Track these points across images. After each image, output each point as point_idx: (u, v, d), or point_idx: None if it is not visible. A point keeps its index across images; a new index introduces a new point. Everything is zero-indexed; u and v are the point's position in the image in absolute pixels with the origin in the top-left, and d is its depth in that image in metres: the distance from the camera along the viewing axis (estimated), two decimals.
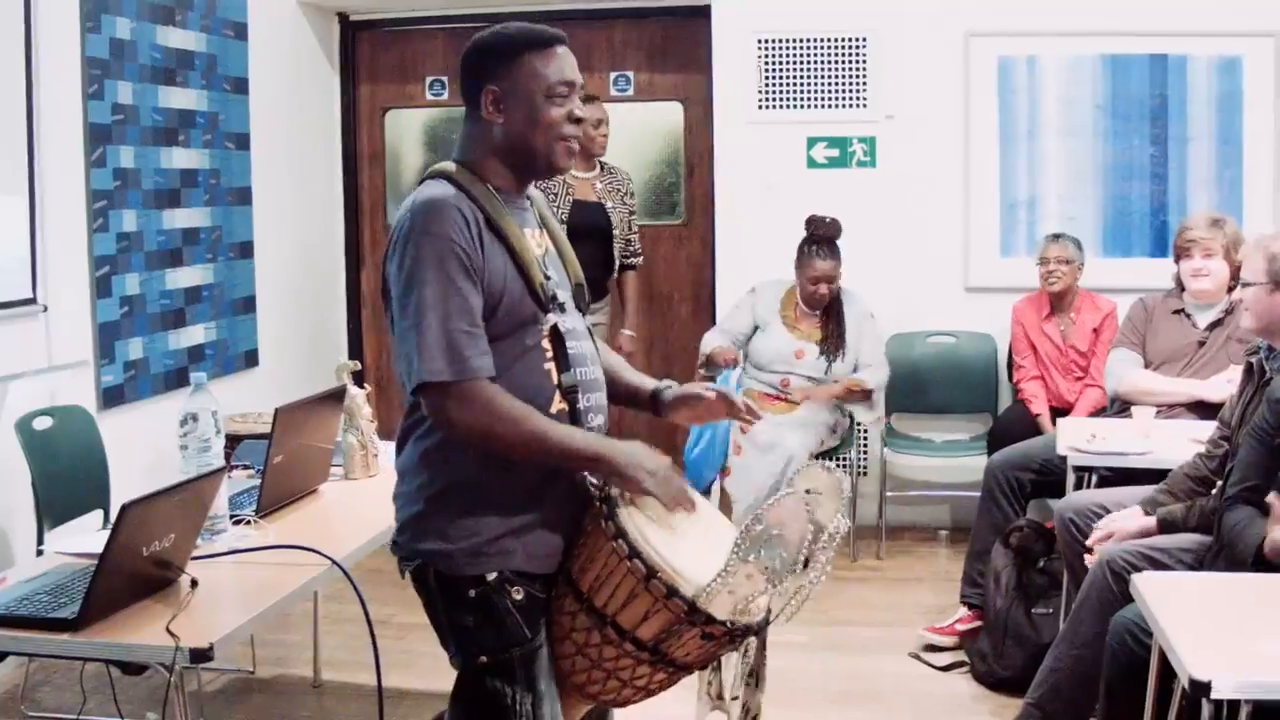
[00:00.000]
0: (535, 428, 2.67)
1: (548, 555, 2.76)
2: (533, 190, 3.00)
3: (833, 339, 6.47)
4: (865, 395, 6.48)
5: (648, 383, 3.12)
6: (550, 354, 2.78)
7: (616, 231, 6.53)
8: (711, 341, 6.57)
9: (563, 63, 2.82)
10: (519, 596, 2.72)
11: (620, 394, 3.09)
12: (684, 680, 2.84)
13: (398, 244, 2.70)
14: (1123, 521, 4.16)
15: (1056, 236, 6.36)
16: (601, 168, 6.62)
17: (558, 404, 2.78)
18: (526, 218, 2.89)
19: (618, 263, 6.67)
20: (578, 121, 2.83)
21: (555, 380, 2.78)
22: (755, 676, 2.88)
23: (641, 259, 6.86)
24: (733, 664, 2.84)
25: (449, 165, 2.85)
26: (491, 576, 2.71)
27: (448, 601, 2.77)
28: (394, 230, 2.73)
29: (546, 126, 2.79)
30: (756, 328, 6.59)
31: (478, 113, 2.83)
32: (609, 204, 6.56)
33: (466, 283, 2.64)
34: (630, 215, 6.68)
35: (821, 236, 6.46)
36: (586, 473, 2.80)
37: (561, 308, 2.83)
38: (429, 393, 2.65)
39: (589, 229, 6.36)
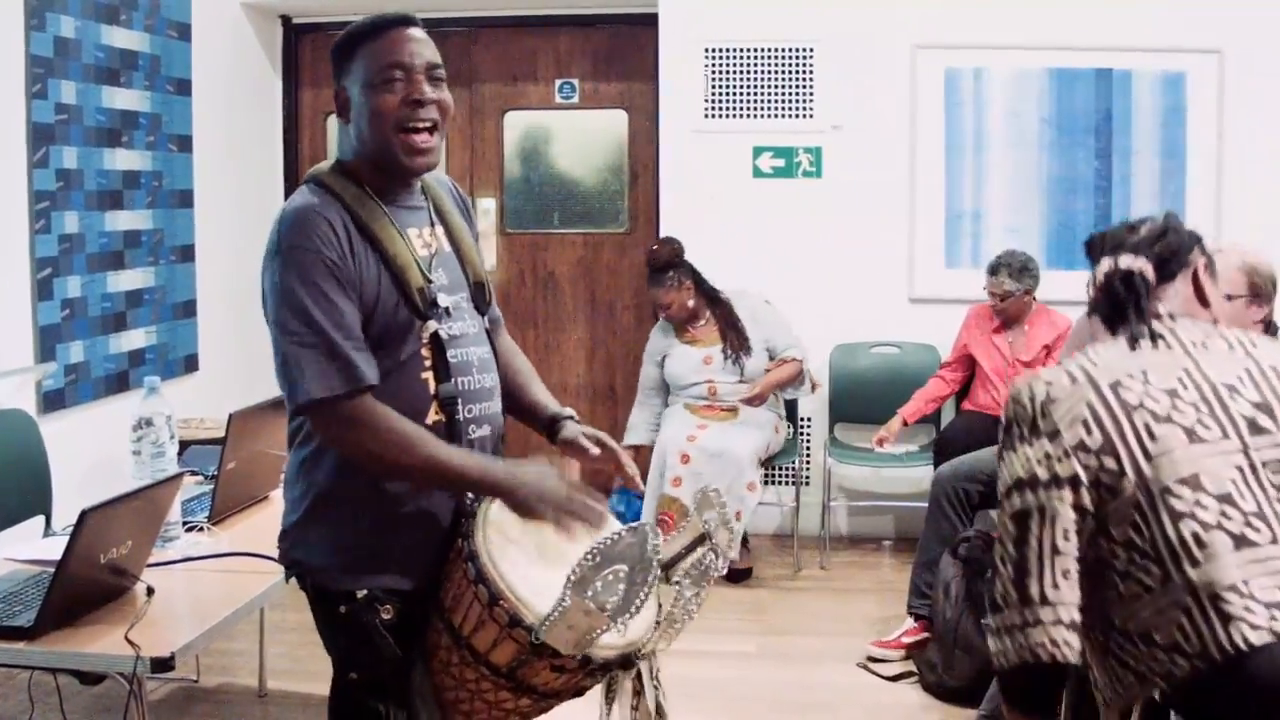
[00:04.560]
0: (427, 454, 2.56)
1: (418, 571, 2.65)
2: (434, 181, 2.88)
3: (731, 342, 6.57)
4: (796, 375, 6.58)
5: (549, 406, 2.95)
6: (429, 362, 2.66)
7: None
8: (635, 427, 6.76)
9: (394, 45, 2.63)
10: (388, 616, 2.63)
11: (518, 408, 2.95)
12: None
13: (266, 259, 2.62)
14: None
15: (994, 269, 6.36)
16: None
17: (434, 415, 2.66)
18: (413, 216, 2.75)
19: None
20: (417, 104, 2.62)
21: (433, 390, 2.67)
22: (658, 710, 2.71)
23: None
24: (616, 696, 2.72)
25: (324, 167, 2.75)
26: (361, 594, 2.63)
27: (321, 613, 2.71)
28: (267, 244, 2.64)
29: (375, 117, 2.62)
30: (665, 357, 6.69)
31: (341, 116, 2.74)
32: None
33: (339, 294, 2.55)
34: None
35: (654, 266, 6.60)
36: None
37: (446, 313, 2.69)
38: (315, 411, 2.57)
39: None
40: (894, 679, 5.19)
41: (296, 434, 2.72)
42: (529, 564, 2.56)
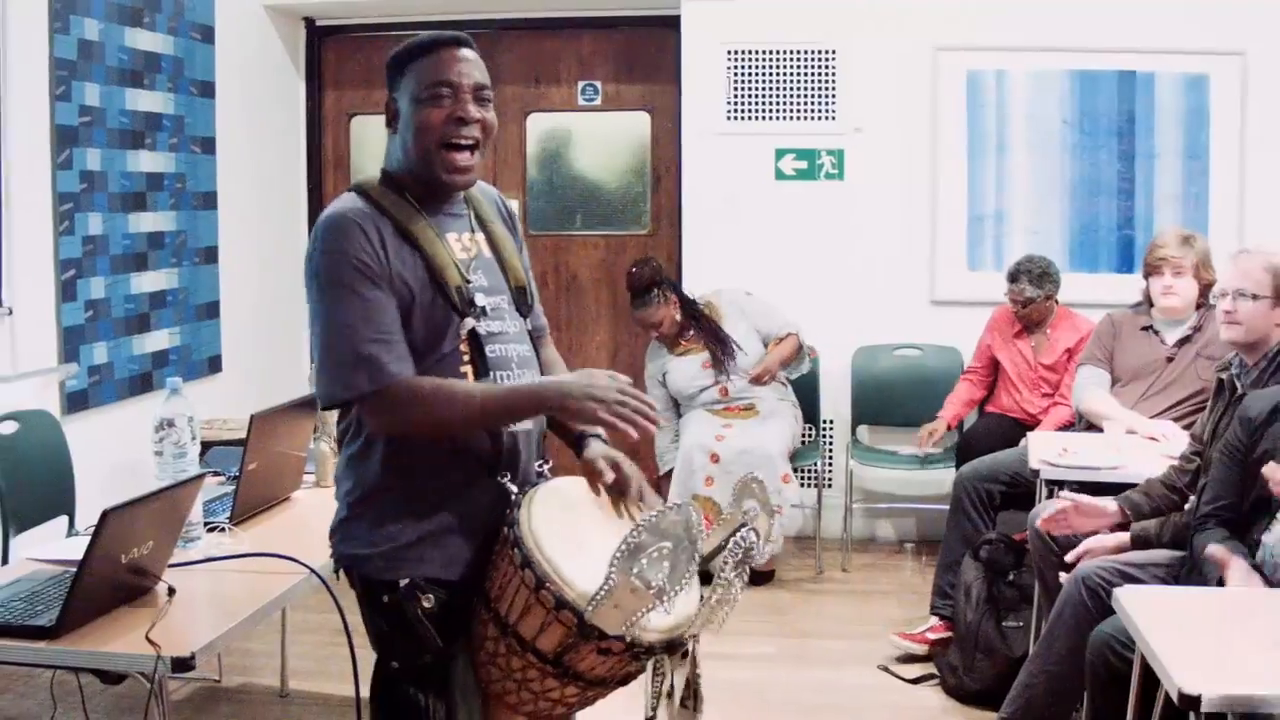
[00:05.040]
0: (470, 395, 2.67)
1: (462, 562, 2.72)
2: (479, 191, 2.98)
3: (716, 354, 6.60)
4: (797, 349, 6.62)
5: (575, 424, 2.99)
6: (468, 357, 2.76)
7: None
8: (663, 453, 6.77)
9: (443, 63, 2.74)
10: (429, 604, 2.68)
11: (552, 421, 2.99)
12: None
13: (306, 263, 2.73)
14: (1100, 540, 4.15)
15: (1014, 276, 6.25)
16: None
17: None
18: (453, 222, 2.85)
19: None
20: (460, 122, 2.72)
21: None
22: (693, 696, 2.76)
23: None
24: (664, 682, 2.73)
25: (368, 177, 2.85)
26: (403, 583, 2.69)
27: (367, 604, 2.78)
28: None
29: (419, 131, 2.73)
30: (665, 375, 6.72)
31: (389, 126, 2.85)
32: None
33: (373, 291, 2.64)
34: None
35: (637, 288, 6.60)
36: (502, 474, 2.74)
37: (484, 312, 2.78)
38: (361, 407, 2.69)
39: None
40: (914, 681, 5.18)
41: (346, 433, 2.81)
42: (574, 549, 2.59)
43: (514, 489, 2.72)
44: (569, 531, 2.64)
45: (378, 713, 2.80)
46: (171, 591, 3.15)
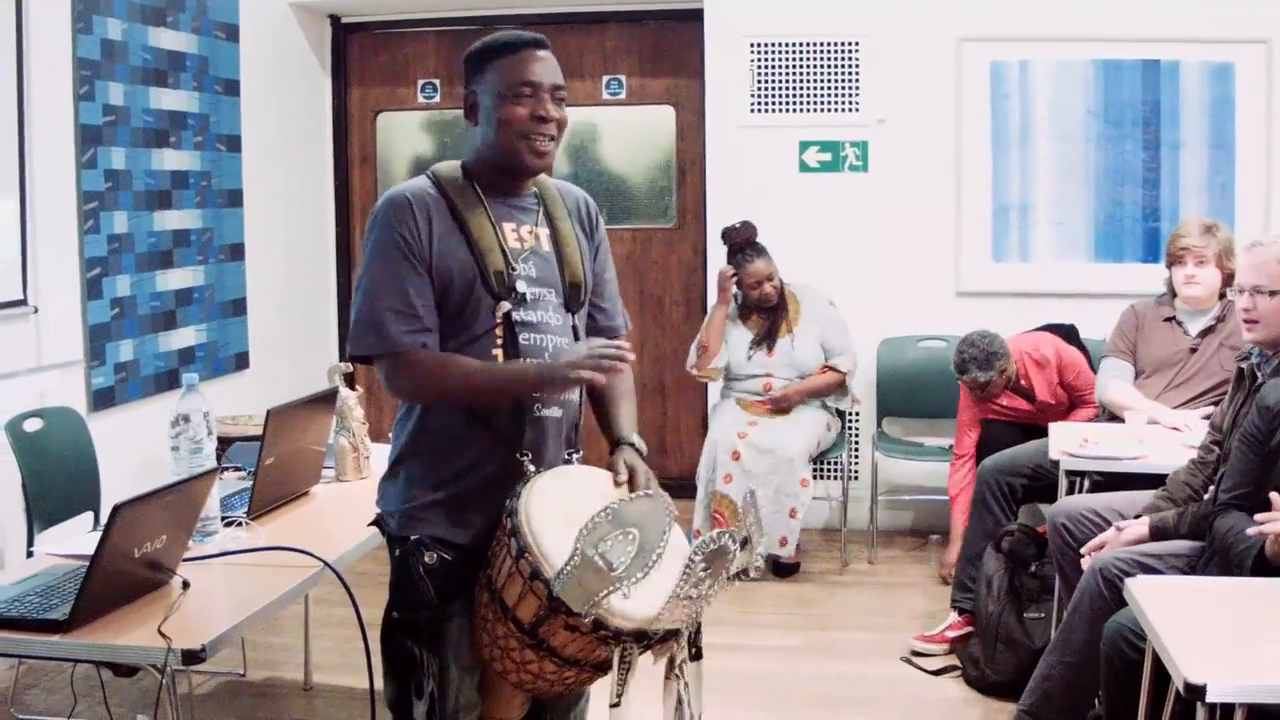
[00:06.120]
0: (467, 369, 2.84)
1: (471, 528, 2.86)
2: (560, 192, 3.13)
3: (765, 332, 6.60)
4: (831, 386, 6.58)
5: (618, 427, 3.10)
6: (501, 341, 2.90)
7: None
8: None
9: (527, 64, 2.90)
10: (430, 561, 2.85)
11: (599, 421, 3.14)
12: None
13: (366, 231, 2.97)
14: (1124, 532, 4.11)
15: (963, 369, 5.91)
16: None
17: None
18: (516, 214, 2.99)
19: None
20: (541, 120, 2.89)
21: None
22: (678, 705, 2.76)
23: None
24: (629, 672, 2.75)
25: (449, 163, 3.02)
26: (413, 539, 2.88)
27: (390, 557, 2.96)
28: None
29: (505, 125, 2.89)
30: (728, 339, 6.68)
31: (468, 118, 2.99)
32: None
33: (406, 266, 2.83)
34: None
35: (741, 243, 6.56)
36: (523, 453, 2.87)
37: (524, 299, 2.91)
38: (377, 367, 2.90)
39: None
40: (937, 673, 5.18)
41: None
42: (564, 528, 2.64)
43: (532, 469, 2.85)
44: (567, 512, 2.70)
45: (385, 657, 2.96)
46: (186, 585, 3.18)
